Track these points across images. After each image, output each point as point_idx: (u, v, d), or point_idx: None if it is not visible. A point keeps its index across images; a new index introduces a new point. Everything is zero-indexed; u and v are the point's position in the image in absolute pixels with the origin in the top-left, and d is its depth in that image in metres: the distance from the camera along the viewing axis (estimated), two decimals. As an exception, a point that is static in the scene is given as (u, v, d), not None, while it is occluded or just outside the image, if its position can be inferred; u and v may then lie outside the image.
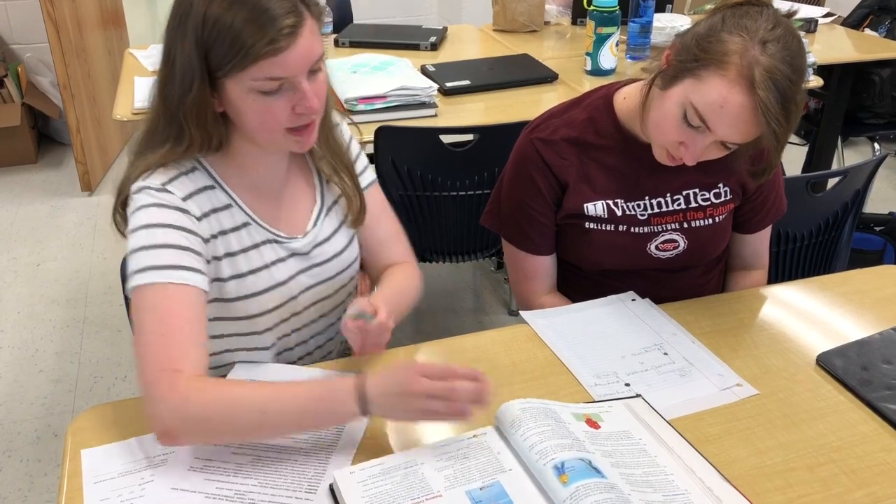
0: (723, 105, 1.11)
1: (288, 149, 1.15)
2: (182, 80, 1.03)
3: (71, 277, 2.94)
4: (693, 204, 1.35)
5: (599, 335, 1.26)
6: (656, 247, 1.36)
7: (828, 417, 1.10)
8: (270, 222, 1.19)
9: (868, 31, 3.17)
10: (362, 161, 1.31)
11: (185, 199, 1.09)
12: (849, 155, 3.79)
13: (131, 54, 2.52)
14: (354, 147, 1.30)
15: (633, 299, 1.34)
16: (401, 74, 2.14)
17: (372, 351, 1.15)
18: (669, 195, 1.34)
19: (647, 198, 1.34)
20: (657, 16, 2.53)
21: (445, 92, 2.20)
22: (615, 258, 1.37)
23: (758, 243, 1.47)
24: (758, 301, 1.38)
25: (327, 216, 1.25)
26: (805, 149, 3.23)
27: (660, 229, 1.35)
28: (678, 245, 1.37)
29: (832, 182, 1.77)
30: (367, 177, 1.31)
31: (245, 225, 1.16)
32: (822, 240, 1.82)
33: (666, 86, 1.18)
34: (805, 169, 3.15)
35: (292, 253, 1.20)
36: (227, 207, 1.14)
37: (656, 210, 1.34)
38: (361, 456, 1.01)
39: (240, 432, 0.99)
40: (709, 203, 1.35)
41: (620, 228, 1.35)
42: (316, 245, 1.23)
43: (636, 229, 1.35)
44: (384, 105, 2.03)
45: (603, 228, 1.35)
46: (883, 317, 1.31)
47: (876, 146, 3.21)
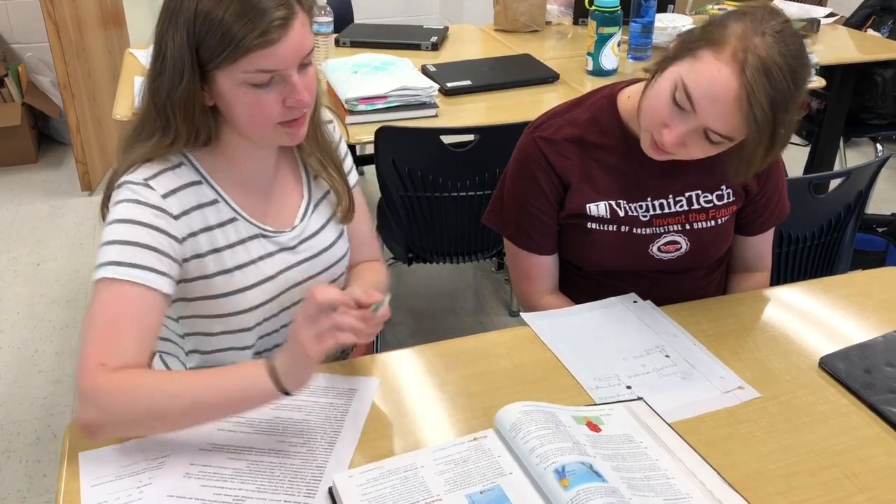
0: (710, 83, 1.11)
1: (278, 142, 1.15)
2: (172, 74, 1.03)
3: (71, 277, 2.93)
4: (695, 206, 1.34)
5: (601, 337, 1.25)
6: (658, 248, 1.35)
7: (830, 421, 1.09)
8: (258, 217, 1.19)
9: (871, 32, 3.17)
10: (348, 162, 1.32)
11: (166, 197, 1.08)
12: (851, 155, 3.78)
13: (131, 54, 2.51)
14: (343, 147, 1.31)
15: (635, 301, 1.34)
16: (402, 74, 2.14)
17: (365, 342, 1.10)
18: (672, 196, 1.33)
19: (650, 199, 1.33)
20: (659, 16, 2.52)
21: (446, 92, 2.19)
22: (617, 259, 1.37)
23: (760, 245, 1.46)
24: (760, 303, 1.37)
25: (315, 211, 1.26)
26: (807, 149, 3.22)
27: (662, 231, 1.34)
28: (680, 247, 1.36)
29: (835, 183, 1.76)
30: (353, 177, 1.33)
31: (232, 220, 1.16)
32: (825, 241, 1.81)
33: (664, 68, 1.19)
34: (807, 169, 3.14)
35: (280, 248, 1.20)
36: (214, 203, 1.14)
37: (658, 211, 1.33)
38: (358, 459, 1.01)
39: (158, 418, 0.98)
40: (711, 205, 1.35)
41: (622, 229, 1.34)
42: (303, 240, 1.23)
43: (638, 230, 1.34)
44: (385, 105, 2.02)
45: (605, 229, 1.34)
46: (886, 319, 1.31)
47: (878, 147, 3.20)
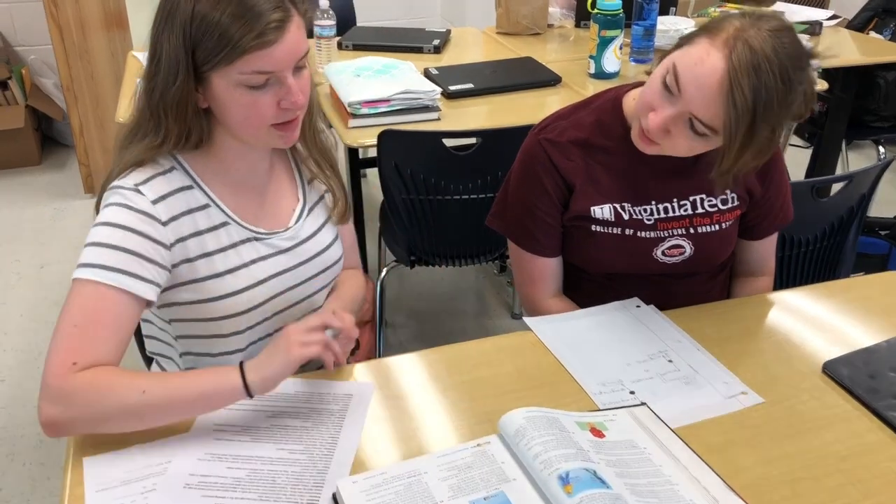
0: (697, 65, 1.12)
1: (272, 144, 1.16)
2: (167, 74, 1.04)
3: (74, 280, 2.93)
4: (700, 210, 1.34)
5: (604, 342, 1.25)
6: (662, 252, 1.35)
7: (834, 426, 1.09)
8: (251, 220, 1.19)
9: (873, 34, 3.16)
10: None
11: (156, 202, 1.09)
12: (853, 158, 3.77)
13: (134, 57, 2.52)
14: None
15: (638, 306, 1.34)
16: (404, 78, 2.14)
17: (340, 362, 1.11)
18: (676, 200, 1.33)
19: (654, 202, 1.33)
20: (661, 19, 2.52)
21: (449, 95, 2.19)
22: (621, 262, 1.37)
23: (764, 250, 1.46)
24: (763, 308, 1.37)
25: (310, 215, 1.27)
26: (809, 151, 3.22)
27: (666, 234, 1.34)
28: (684, 250, 1.36)
29: (837, 186, 1.76)
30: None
31: (223, 224, 1.16)
32: (828, 244, 1.81)
33: (663, 57, 1.20)
34: (809, 171, 3.14)
35: (275, 251, 1.21)
36: (205, 207, 1.14)
37: (663, 215, 1.33)
38: (360, 465, 1.01)
39: (127, 414, 0.99)
40: (715, 209, 1.35)
41: (627, 232, 1.34)
42: (299, 243, 1.23)
43: (642, 234, 1.34)
44: (388, 109, 2.02)
45: (609, 232, 1.34)
46: (890, 324, 1.30)
47: (881, 149, 3.20)
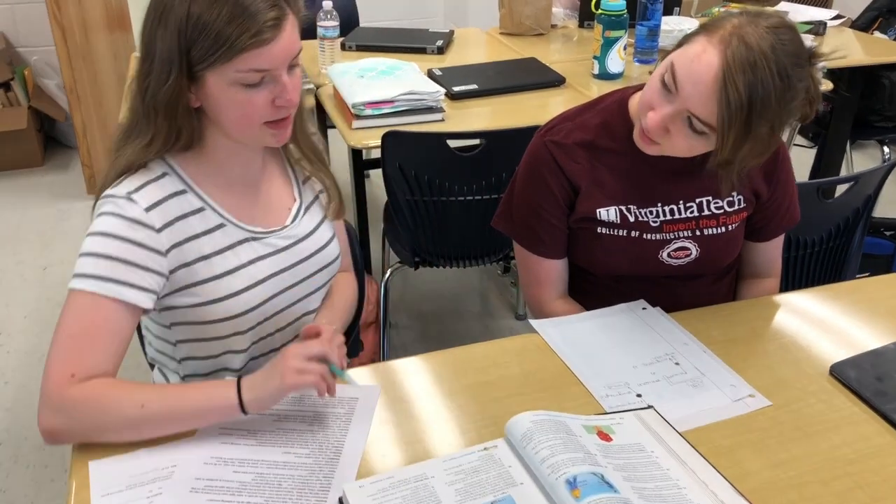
0: (693, 61, 1.12)
1: (264, 143, 1.16)
2: (159, 74, 1.04)
3: (77, 281, 2.93)
4: (706, 212, 1.33)
5: (610, 345, 1.25)
6: (668, 254, 1.35)
7: (842, 430, 1.08)
8: (246, 220, 1.19)
9: (877, 34, 3.15)
10: None
11: (149, 210, 1.09)
12: (857, 158, 3.76)
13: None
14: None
15: (644, 308, 1.33)
16: (408, 79, 2.13)
17: (331, 394, 1.06)
18: (682, 202, 1.33)
19: (660, 204, 1.33)
20: (665, 19, 2.51)
21: (452, 96, 2.19)
22: (626, 264, 1.36)
23: (770, 251, 1.45)
24: (769, 310, 1.37)
25: (307, 213, 1.27)
26: (813, 151, 3.21)
27: (672, 236, 1.34)
28: (690, 253, 1.35)
29: (843, 187, 1.75)
30: None
31: (219, 226, 1.16)
32: (833, 245, 1.81)
33: (663, 59, 1.20)
34: (813, 171, 3.13)
35: (273, 250, 1.21)
36: (199, 211, 1.14)
37: (669, 217, 1.33)
38: (366, 468, 1.00)
39: (125, 427, 1.00)
40: (722, 211, 1.34)
41: (633, 234, 1.33)
42: (296, 241, 1.23)
43: (648, 236, 1.33)
44: (392, 110, 2.02)
45: (615, 234, 1.34)
46: (897, 326, 1.30)
47: (885, 149, 3.19)
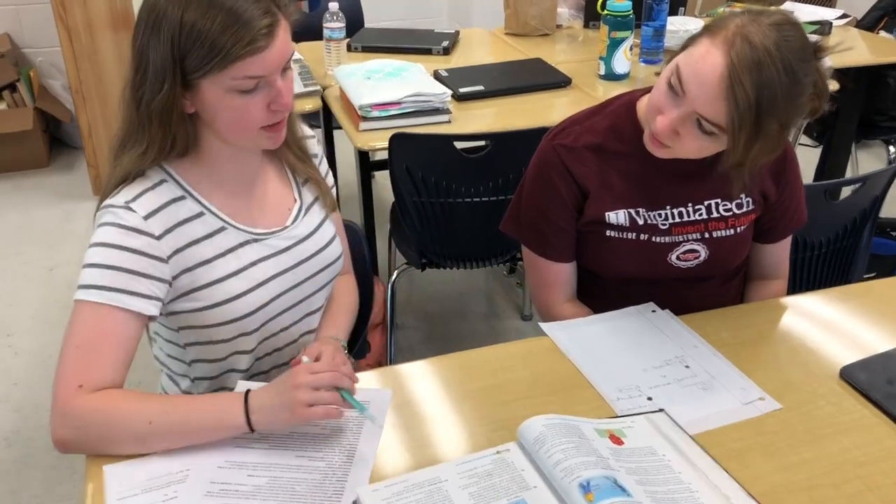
0: (698, 63, 1.12)
1: (260, 146, 1.17)
2: (153, 83, 1.05)
3: (84, 282, 2.94)
4: (715, 214, 1.34)
5: (620, 347, 1.25)
6: (677, 256, 1.35)
7: (852, 432, 1.09)
8: (247, 222, 1.20)
9: (883, 34, 3.15)
10: (329, 180, 1.35)
11: (148, 217, 1.10)
12: (862, 157, 3.76)
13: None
14: (323, 166, 1.34)
15: (654, 311, 1.34)
16: (415, 80, 2.14)
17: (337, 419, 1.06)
18: (691, 205, 1.33)
19: (669, 207, 1.33)
20: (670, 19, 2.51)
21: (459, 97, 2.20)
22: (635, 267, 1.37)
23: (778, 253, 1.46)
24: (778, 312, 1.37)
25: (307, 214, 1.28)
26: (818, 151, 3.21)
27: (681, 239, 1.34)
28: (699, 255, 1.36)
29: (850, 189, 1.76)
30: (328, 180, 1.35)
31: (220, 230, 1.17)
32: (841, 247, 1.81)
33: (672, 58, 1.20)
34: (818, 171, 3.13)
35: (274, 251, 1.21)
36: (199, 216, 1.15)
37: (677, 220, 1.33)
38: (379, 472, 1.01)
39: (133, 441, 1.02)
40: (731, 213, 1.34)
41: (641, 237, 1.34)
42: (297, 241, 1.24)
43: (657, 239, 1.34)
44: (398, 111, 2.03)
45: (624, 237, 1.34)
46: (906, 328, 1.30)
47: (891, 149, 3.19)
